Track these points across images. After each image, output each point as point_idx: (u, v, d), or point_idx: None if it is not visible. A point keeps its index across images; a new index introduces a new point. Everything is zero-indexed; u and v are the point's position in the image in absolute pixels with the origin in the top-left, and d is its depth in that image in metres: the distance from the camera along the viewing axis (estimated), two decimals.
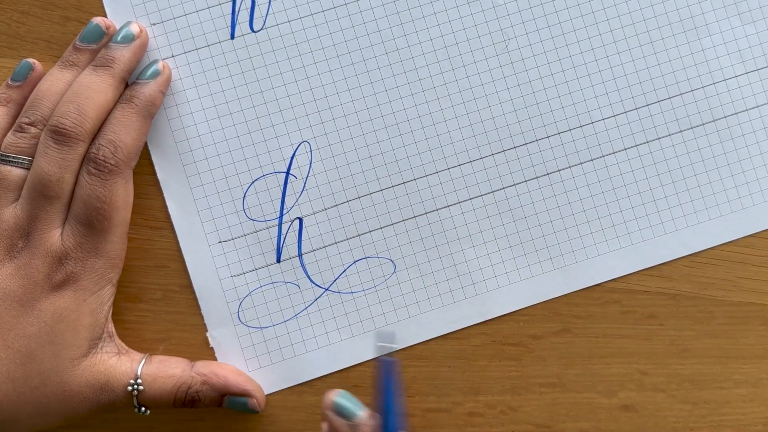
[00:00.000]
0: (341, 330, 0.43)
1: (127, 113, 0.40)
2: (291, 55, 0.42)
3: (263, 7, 0.42)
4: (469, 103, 0.43)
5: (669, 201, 0.43)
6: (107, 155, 0.39)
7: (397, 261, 0.43)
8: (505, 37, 0.43)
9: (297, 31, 0.42)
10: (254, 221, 0.42)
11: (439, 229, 0.43)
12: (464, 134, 0.43)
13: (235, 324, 0.42)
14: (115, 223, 0.39)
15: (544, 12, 0.43)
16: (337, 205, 0.43)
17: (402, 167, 0.43)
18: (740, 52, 0.43)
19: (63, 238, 0.39)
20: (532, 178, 0.43)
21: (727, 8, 0.43)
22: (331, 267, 0.43)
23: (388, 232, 0.43)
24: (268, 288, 0.42)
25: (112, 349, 0.40)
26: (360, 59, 0.43)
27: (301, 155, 0.43)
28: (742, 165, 0.43)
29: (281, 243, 0.42)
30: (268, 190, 0.42)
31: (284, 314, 0.43)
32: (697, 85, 0.43)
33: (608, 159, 0.43)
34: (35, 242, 0.39)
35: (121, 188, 0.39)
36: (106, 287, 0.40)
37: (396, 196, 0.43)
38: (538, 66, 0.43)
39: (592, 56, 0.43)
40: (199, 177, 0.42)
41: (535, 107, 0.43)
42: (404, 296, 0.43)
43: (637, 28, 0.43)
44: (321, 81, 0.43)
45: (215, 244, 0.42)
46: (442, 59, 0.43)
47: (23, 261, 0.39)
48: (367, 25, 0.43)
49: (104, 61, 0.40)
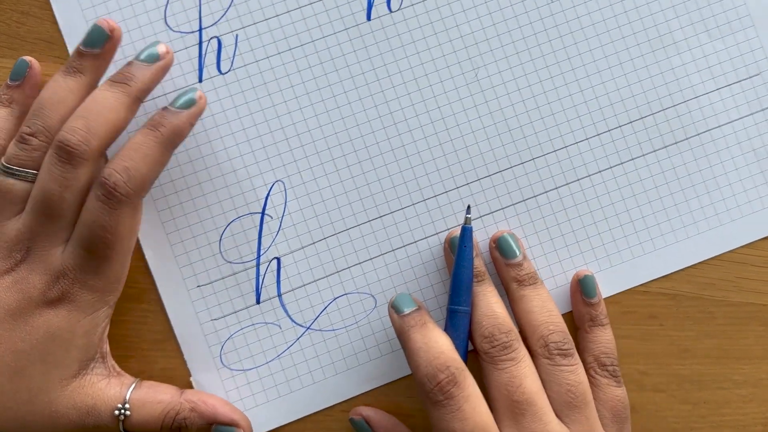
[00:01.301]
0: (325, 368, 0.43)
1: (149, 141, 0.38)
2: (260, 95, 0.42)
3: (230, 48, 0.42)
4: (441, 134, 0.43)
5: (646, 221, 0.43)
6: (118, 183, 0.37)
7: (377, 295, 0.43)
8: (474, 66, 0.43)
9: (265, 70, 0.42)
10: (232, 263, 0.42)
11: (418, 262, 0.43)
12: (438, 165, 0.43)
13: (218, 367, 0.42)
14: (118, 252, 0.38)
15: (512, 39, 0.43)
16: (315, 242, 0.42)
17: (377, 201, 0.43)
18: (710, 69, 0.43)
19: (63, 257, 0.38)
20: (508, 205, 0.43)
21: (695, 26, 0.43)
22: (312, 305, 0.42)
23: (367, 267, 0.43)
24: (249, 330, 0.42)
25: (103, 371, 0.39)
26: (330, 95, 0.42)
27: (276, 195, 0.42)
28: (718, 181, 0.43)
29: (260, 284, 0.42)
30: (244, 231, 0.42)
31: (267, 355, 0.42)
32: (669, 103, 0.43)
33: (583, 182, 0.43)
34: (35, 258, 0.38)
35: (128, 218, 0.38)
36: (103, 309, 0.39)
37: (373, 230, 0.43)
38: (509, 93, 0.43)
39: (562, 80, 0.43)
40: (174, 222, 0.42)
41: (507, 134, 0.43)
42: (386, 330, 0.43)
43: (606, 50, 0.43)
44: (292, 119, 0.42)
45: (194, 288, 0.42)
46: (413, 91, 0.43)
47: (21, 275, 0.38)
48: (335, 62, 0.42)
49: (122, 78, 0.38)
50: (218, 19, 0.42)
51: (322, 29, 0.42)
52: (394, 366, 0.43)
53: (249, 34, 0.42)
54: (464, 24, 0.43)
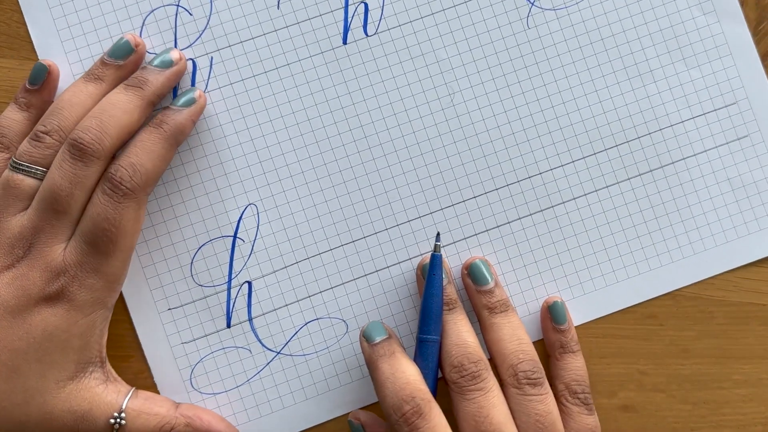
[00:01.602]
0: (295, 393, 0.42)
1: (154, 138, 0.39)
2: (234, 118, 0.42)
3: (205, 71, 0.42)
4: (416, 159, 0.43)
5: (620, 249, 0.43)
6: (124, 177, 0.38)
7: (349, 321, 0.42)
8: (450, 91, 0.43)
9: (240, 93, 0.42)
10: (203, 287, 0.42)
11: (390, 287, 0.43)
12: (412, 190, 0.43)
13: (188, 391, 0.42)
14: (120, 248, 0.38)
15: (488, 65, 0.43)
16: (287, 266, 0.42)
17: (351, 226, 0.42)
18: (686, 97, 0.43)
19: (65, 254, 0.38)
20: (482, 231, 0.43)
21: (671, 53, 0.43)
22: (283, 330, 0.42)
23: (339, 292, 0.42)
24: (220, 354, 0.42)
25: (101, 376, 0.39)
26: (304, 119, 0.42)
27: (248, 218, 0.42)
28: (692, 210, 0.43)
29: (231, 308, 0.42)
30: (215, 254, 0.42)
31: (237, 379, 0.42)
32: (644, 131, 0.43)
33: (557, 209, 0.43)
34: (36, 254, 0.38)
35: (132, 213, 0.39)
36: (101, 310, 0.39)
37: (346, 255, 0.42)
38: (484, 119, 0.43)
39: (538, 107, 0.43)
40: (145, 244, 0.42)
41: (482, 160, 0.43)
42: (357, 356, 0.42)
43: (582, 78, 0.43)
44: (265, 142, 0.42)
45: (164, 311, 0.42)
46: (388, 115, 0.42)
47: (21, 271, 0.38)
48: (310, 85, 0.42)
49: (136, 82, 0.40)
50: (193, 41, 0.42)
51: (297, 52, 0.42)
52: (365, 392, 0.42)
53: (224, 57, 0.42)
54: (440, 49, 0.43)
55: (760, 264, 0.43)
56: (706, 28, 0.43)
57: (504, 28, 0.43)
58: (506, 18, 0.43)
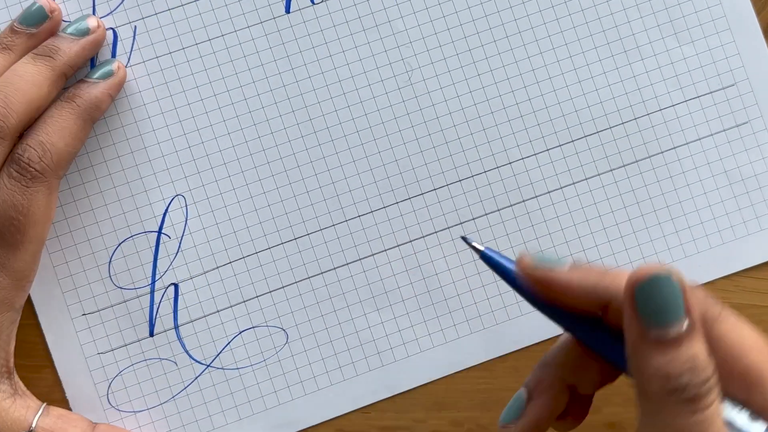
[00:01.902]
0: (226, 412, 0.40)
1: (65, 114, 0.37)
2: (160, 96, 0.40)
3: (127, 42, 0.40)
4: (368, 145, 0.40)
5: (600, 250, 0.41)
6: (33, 158, 0.36)
7: (289, 330, 0.40)
8: (407, 67, 0.40)
9: (167, 68, 0.40)
10: (123, 289, 0.40)
11: (338, 291, 0.40)
12: (363, 180, 0.40)
13: (105, 408, 0.40)
14: (29, 239, 0.36)
15: (452, 38, 0.40)
16: (219, 267, 0.40)
17: (293, 221, 0.40)
18: (678, 78, 0.41)
19: None
20: (443, 228, 0.41)
21: (661, 28, 0.41)
22: (213, 339, 0.40)
23: (279, 296, 0.40)
24: (141, 366, 0.40)
25: (7, 389, 0.37)
26: (241, 98, 0.40)
27: (175, 211, 0.40)
28: (683, 207, 0.41)
29: (154, 314, 0.40)
30: (137, 252, 0.40)
31: (160, 396, 0.40)
32: (629, 116, 0.41)
33: (529, 204, 0.41)
34: None
35: (43, 199, 0.36)
36: (7, 312, 0.37)
37: (287, 254, 0.40)
38: (447, 100, 0.40)
39: (508, 87, 0.41)
40: (57, 240, 0.40)
41: (444, 147, 0.40)
42: (299, 370, 0.40)
43: (558, 54, 0.41)
44: (196, 124, 0.40)
45: (79, 317, 0.40)
46: (336, 95, 0.40)
47: None
48: (248, 59, 0.40)
49: (47, 51, 0.38)
50: (115, 8, 0.40)
51: (233, 22, 0.40)
52: (307, 411, 0.40)
53: (149, 26, 0.40)
54: (397, 20, 0.40)
55: (766, 262, 0.41)
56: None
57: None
58: None
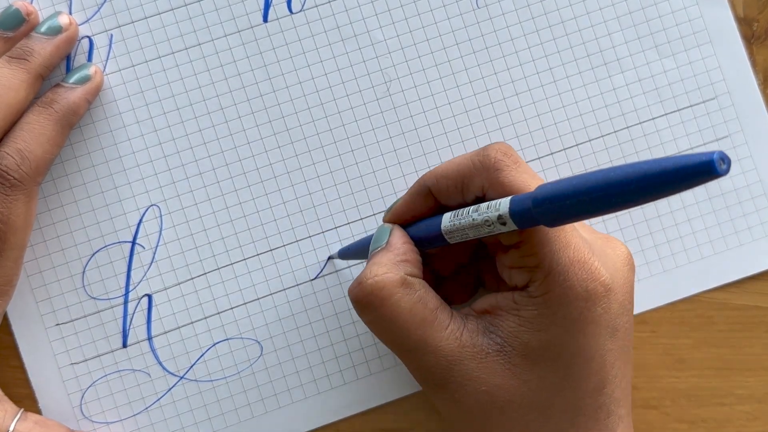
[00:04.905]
0: (200, 424, 0.39)
1: (43, 120, 0.37)
2: (136, 105, 0.39)
3: (103, 50, 0.39)
4: (345, 156, 0.40)
5: None
6: (11, 166, 0.36)
7: (264, 342, 0.40)
8: (386, 78, 0.40)
9: (143, 77, 0.39)
10: (96, 300, 0.39)
11: (313, 303, 0.40)
12: (340, 192, 0.40)
13: (78, 419, 0.39)
14: (10, 246, 0.36)
15: (431, 49, 0.40)
16: (193, 278, 0.40)
17: (269, 232, 0.40)
18: (658, 91, 0.41)
19: None
20: None
21: (641, 40, 0.40)
22: (187, 351, 0.40)
23: (254, 308, 0.40)
24: (115, 377, 0.39)
25: None
26: (217, 108, 0.39)
27: (150, 221, 0.39)
28: (662, 221, 0.41)
29: (128, 324, 0.39)
30: (111, 263, 0.39)
31: (133, 407, 0.39)
32: (609, 129, 0.40)
33: None
34: None
35: (22, 207, 0.36)
36: None
37: (262, 265, 0.40)
38: (425, 111, 0.40)
39: (487, 99, 0.40)
40: (32, 249, 0.39)
41: (422, 159, 0.40)
42: (273, 383, 0.40)
43: (538, 66, 0.40)
44: (171, 134, 0.39)
45: (52, 327, 0.39)
46: (314, 105, 0.40)
47: None
48: (225, 69, 0.39)
49: (20, 53, 0.37)
50: (91, 15, 0.39)
51: (210, 31, 0.40)
52: (280, 424, 0.39)
53: (126, 35, 0.40)
54: (376, 30, 0.40)
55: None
56: (683, 12, 0.41)
57: (450, 7, 0.40)
58: None
